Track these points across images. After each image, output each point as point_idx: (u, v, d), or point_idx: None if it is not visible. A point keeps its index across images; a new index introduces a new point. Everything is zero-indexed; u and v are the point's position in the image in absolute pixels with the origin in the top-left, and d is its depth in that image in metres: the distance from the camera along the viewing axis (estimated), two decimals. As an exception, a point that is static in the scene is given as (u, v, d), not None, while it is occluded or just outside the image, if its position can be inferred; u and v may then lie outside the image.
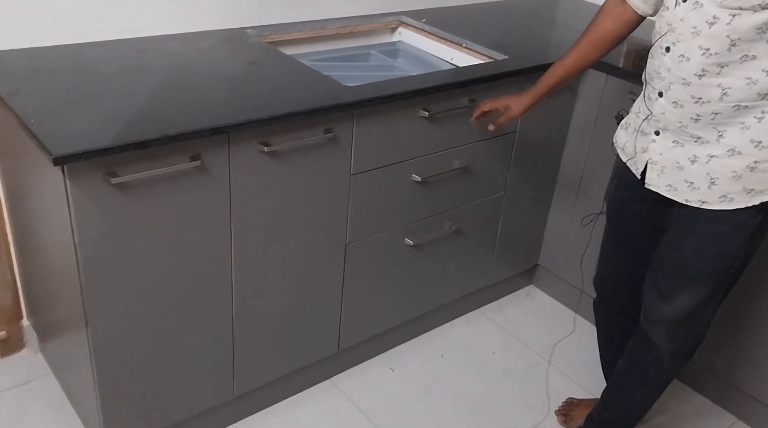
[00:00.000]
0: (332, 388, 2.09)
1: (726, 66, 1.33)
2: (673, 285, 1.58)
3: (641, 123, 1.53)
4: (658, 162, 1.50)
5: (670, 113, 1.44)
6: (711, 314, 1.63)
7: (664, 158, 1.49)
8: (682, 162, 1.46)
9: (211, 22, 2.04)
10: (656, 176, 1.52)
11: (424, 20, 2.36)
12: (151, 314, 1.61)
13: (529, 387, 2.16)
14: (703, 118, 1.39)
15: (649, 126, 1.51)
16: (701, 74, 1.36)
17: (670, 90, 1.42)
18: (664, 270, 1.60)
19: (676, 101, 1.42)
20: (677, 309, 1.60)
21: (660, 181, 1.52)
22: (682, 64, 1.38)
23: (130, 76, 1.69)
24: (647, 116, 1.51)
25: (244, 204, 1.64)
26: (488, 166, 2.15)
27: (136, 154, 1.41)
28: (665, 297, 1.60)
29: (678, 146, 1.46)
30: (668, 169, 1.49)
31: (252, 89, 1.69)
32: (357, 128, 1.75)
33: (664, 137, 1.48)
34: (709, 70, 1.35)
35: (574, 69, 1.72)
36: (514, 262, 2.47)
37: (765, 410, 2.03)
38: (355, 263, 1.94)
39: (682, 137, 1.45)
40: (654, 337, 1.67)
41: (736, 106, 1.36)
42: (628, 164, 1.61)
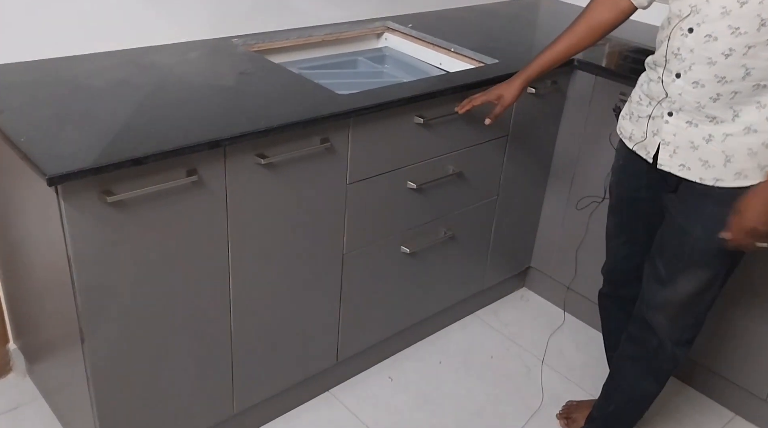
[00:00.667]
0: (332, 400, 2.06)
1: (753, 47, 1.35)
2: (676, 270, 1.60)
3: (651, 107, 1.54)
4: (671, 143, 1.52)
5: (688, 93, 1.45)
6: (712, 300, 1.64)
7: (678, 139, 1.50)
8: (696, 141, 1.48)
9: (197, 32, 2.00)
10: (669, 156, 1.53)
11: (410, 25, 2.35)
12: (149, 332, 1.56)
13: (528, 391, 2.15)
14: (723, 97, 1.42)
15: (660, 109, 1.52)
16: (728, 54, 1.38)
17: (690, 71, 1.43)
18: (666, 255, 1.62)
19: (697, 82, 1.43)
20: (679, 294, 1.61)
21: (672, 161, 1.53)
22: (709, 44, 1.39)
23: (120, 90, 1.64)
24: (660, 100, 1.51)
25: (240, 217, 1.60)
26: (482, 170, 2.14)
27: (131, 171, 1.37)
28: (667, 283, 1.62)
29: (692, 127, 1.48)
30: (681, 149, 1.50)
31: (246, 100, 1.66)
32: (353, 136, 1.73)
33: (678, 118, 1.49)
34: (736, 49, 1.36)
35: (565, 55, 1.75)
36: (507, 265, 2.46)
37: (762, 404, 2.04)
38: (352, 273, 1.92)
39: (697, 117, 1.46)
40: (655, 324, 1.67)
41: (756, 85, 1.39)
42: (637, 150, 1.61)
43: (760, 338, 1.98)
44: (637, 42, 2.35)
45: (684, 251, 1.58)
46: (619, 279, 1.87)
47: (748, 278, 1.95)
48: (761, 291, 1.94)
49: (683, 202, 1.57)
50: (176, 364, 1.65)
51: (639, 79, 1.63)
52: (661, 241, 1.64)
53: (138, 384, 1.60)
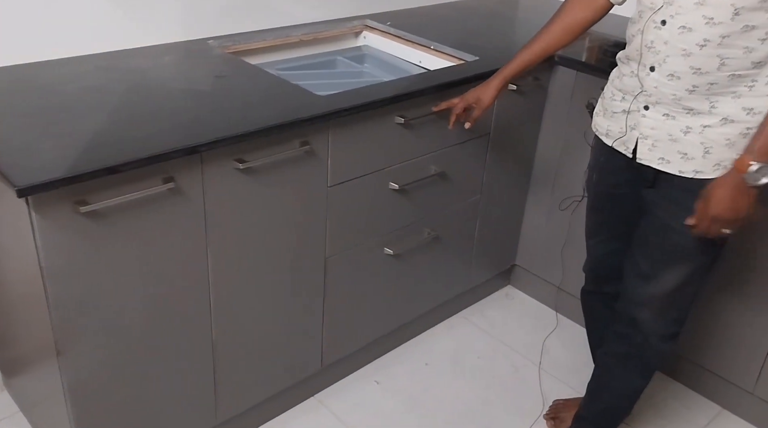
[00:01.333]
0: (318, 406, 2.03)
1: (728, 37, 1.35)
2: (658, 265, 1.59)
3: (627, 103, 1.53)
4: (649, 136, 1.51)
5: (664, 86, 1.44)
6: (695, 293, 1.64)
7: (656, 132, 1.49)
8: (675, 134, 1.47)
9: (172, 35, 1.96)
10: (648, 150, 1.52)
11: (389, 23, 2.32)
12: (127, 344, 1.52)
13: (516, 391, 2.14)
14: (699, 88, 1.41)
15: (636, 103, 1.51)
16: (703, 45, 1.37)
17: (665, 63, 1.42)
18: (648, 250, 1.61)
19: (673, 74, 1.42)
20: (663, 289, 1.60)
21: (652, 155, 1.52)
22: (684, 35, 1.38)
23: (93, 96, 1.60)
24: (636, 94, 1.50)
25: (219, 224, 1.57)
26: (464, 169, 2.11)
27: (105, 180, 1.33)
28: (650, 278, 1.61)
29: (670, 119, 1.47)
30: (660, 142, 1.49)
31: (223, 104, 1.62)
32: (333, 138, 1.70)
33: (655, 111, 1.48)
34: (711, 40, 1.36)
35: (542, 55, 1.73)
36: (492, 264, 2.45)
37: (749, 397, 2.04)
38: (335, 277, 1.89)
39: (674, 110, 1.45)
40: (639, 320, 1.67)
41: (732, 75, 1.38)
42: (616, 146, 1.60)
43: (745, 331, 1.98)
44: (617, 36, 2.33)
45: (666, 246, 1.58)
46: (602, 276, 1.86)
47: (733, 271, 1.94)
48: (746, 285, 1.94)
49: (663, 197, 1.56)
50: (156, 375, 1.61)
51: (611, 75, 1.62)
52: (642, 236, 1.63)
53: (117, 398, 1.56)
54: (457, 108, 1.81)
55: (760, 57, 1.37)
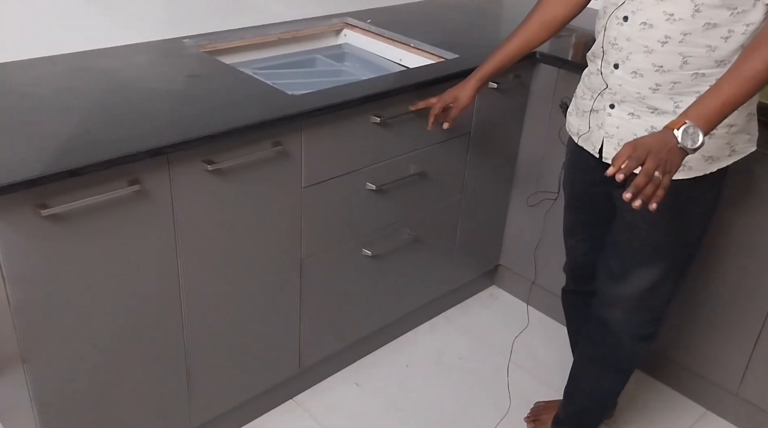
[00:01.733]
0: (296, 408, 2.01)
1: (689, 34, 1.33)
2: (628, 264, 1.57)
3: (593, 101, 1.51)
4: (614, 135, 1.49)
5: (628, 83, 1.42)
6: (669, 294, 1.62)
7: (621, 131, 1.47)
8: (639, 133, 1.45)
9: (146, 34, 1.93)
10: (613, 149, 1.50)
11: (369, 21, 2.29)
12: (96, 349, 1.50)
13: (498, 392, 2.11)
14: (663, 87, 1.39)
15: (602, 101, 1.49)
16: (664, 42, 1.35)
17: (628, 60, 1.41)
18: (618, 250, 1.59)
19: (636, 71, 1.40)
20: (633, 289, 1.58)
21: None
22: (645, 31, 1.37)
23: (62, 97, 1.57)
24: (601, 91, 1.48)
25: (189, 227, 1.54)
26: (444, 169, 2.09)
27: (68, 183, 1.30)
28: (620, 279, 1.59)
29: (634, 118, 1.45)
30: (625, 141, 1.45)
31: (192, 105, 1.59)
32: (306, 138, 1.67)
33: (620, 110, 1.46)
34: (672, 37, 1.34)
35: (519, 52, 1.71)
36: (475, 264, 2.42)
37: (733, 399, 2.02)
38: (312, 278, 1.86)
39: (639, 109, 1.44)
40: (611, 321, 1.65)
41: (695, 74, 1.36)
42: (583, 144, 1.58)
43: (730, 333, 1.95)
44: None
45: (634, 246, 1.56)
46: (582, 276, 1.84)
47: (716, 272, 1.92)
48: (731, 286, 1.92)
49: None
50: (127, 380, 1.58)
51: (582, 73, 1.59)
52: (612, 236, 1.62)
53: (86, 404, 1.54)
54: (435, 108, 1.78)
55: (723, 56, 1.35)
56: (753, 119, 1.47)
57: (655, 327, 1.67)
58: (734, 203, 1.83)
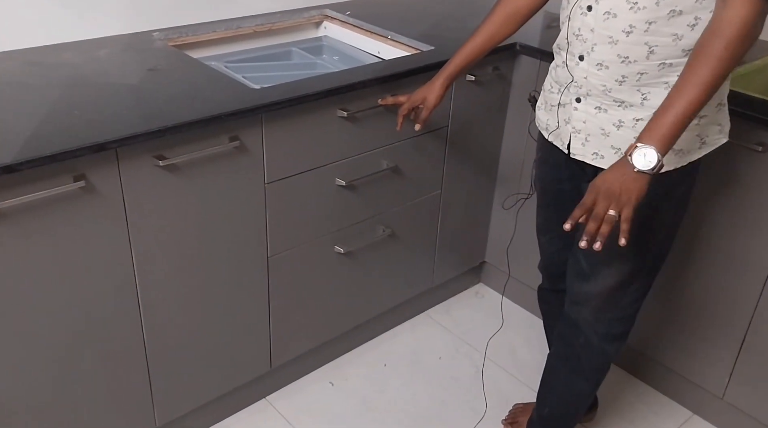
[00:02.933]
0: (267, 408, 1.98)
1: (654, 23, 1.27)
2: (596, 262, 1.51)
3: (560, 95, 1.46)
4: (581, 130, 1.43)
5: (593, 76, 1.36)
6: (639, 292, 1.56)
7: (588, 126, 1.42)
8: (607, 128, 1.39)
9: (113, 28, 1.91)
10: (581, 145, 1.45)
11: (348, 13, 2.24)
12: (50, 353, 1.48)
13: (475, 393, 2.06)
14: (629, 79, 1.33)
15: (568, 95, 1.44)
16: (629, 31, 1.29)
17: (593, 52, 1.35)
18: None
19: (601, 63, 1.35)
20: (601, 287, 1.53)
21: (585, 150, 1.44)
22: (609, 21, 1.31)
23: (13, 92, 1.55)
24: (567, 85, 1.43)
25: (144, 224, 1.51)
26: (421, 164, 2.04)
27: (8, 179, 1.28)
28: (588, 277, 1.54)
29: (601, 112, 1.39)
30: (593, 136, 1.42)
31: (147, 99, 1.56)
32: (267, 133, 1.63)
33: (586, 104, 1.41)
34: (637, 26, 1.28)
35: (485, 47, 1.65)
36: (458, 261, 2.37)
37: (719, 403, 1.95)
38: (280, 276, 1.82)
39: (605, 102, 1.38)
40: (580, 320, 1.59)
41: (662, 64, 1.31)
42: (552, 140, 1.53)
43: (715, 335, 1.88)
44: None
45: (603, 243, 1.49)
46: (556, 274, 1.78)
47: (700, 272, 1.85)
48: (715, 287, 1.84)
49: None
50: (84, 381, 1.56)
51: (550, 66, 1.53)
52: (580, 233, 1.54)
53: (43, 406, 1.52)
54: (403, 109, 1.73)
55: (690, 44, 1.28)
56: (723, 109, 1.40)
57: (626, 326, 1.60)
58: (712, 197, 1.75)
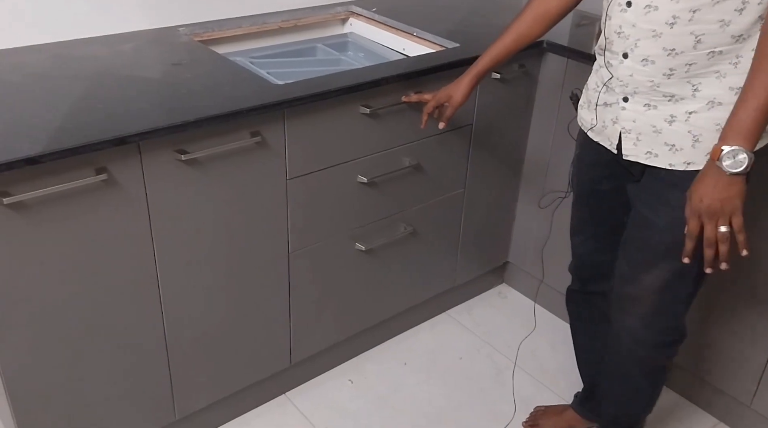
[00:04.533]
0: (287, 403, 1.98)
1: (698, 11, 1.23)
2: (640, 265, 1.48)
3: (603, 94, 1.42)
4: (632, 130, 1.39)
5: (639, 72, 1.33)
6: (687, 298, 1.51)
7: (638, 125, 1.38)
8: (659, 125, 1.35)
9: (139, 22, 1.92)
10: (633, 145, 1.41)
11: (374, 9, 2.23)
12: (71, 343, 1.49)
13: (496, 395, 2.04)
14: (677, 71, 1.29)
15: (614, 94, 1.40)
16: (673, 23, 1.25)
17: (637, 47, 1.31)
18: (629, 249, 1.51)
19: (646, 58, 1.31)
20: (646, 291, 1.49)
21: (638, 150, 1.40)
22: (650, 14, 1.27)
23: (38, 85, 1.57)
24: (610, 83, 1.39)
25: (165, 218, 1.52)
26: (444, 162, 2.02)
27: (29, 170, 1.29)
28: (630, 280, 1.50)
29: (651, 109, 1.35)
30: (645, 135, 1.38)
31: (169, 93, 1.57)
32: (289, 129, 1.63)
33: (634, 102, 1.37)
34: (680, 16, 1.24)
35: (514, 47, 1.63)
36: (481, 261, 2.34)
37: (746, 410, 1.90)
38: (301, 272, 1.82)
39: (654, 98, 1.34)
40: (628, 326, 1.55)
41: (711, 52, 1.26)
42: (600, 141, 1.49)
43: (744, 342, 1.83)
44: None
45: (649, 245, 1.46)
46: (588, 276, 1.75)
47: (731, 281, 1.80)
48: (745, 295, 1.79)
49: (647, 191, 1.44)
50: (104, 372, 1.57)
51: (594, 65, 1.50)
52: (626, 234, 1.53)
53: (62, 398, 1.53)
54: (428, 107, 1.71)
55: (740, 30, 1.23)
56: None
57: (676, 335, 1.56)
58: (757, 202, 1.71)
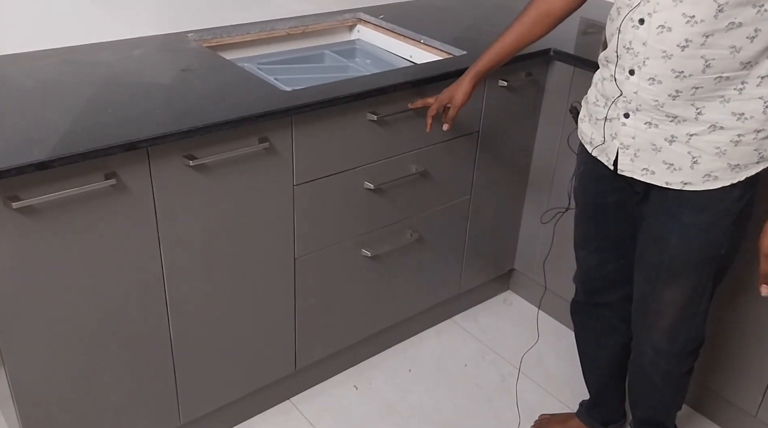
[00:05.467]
0: (291, 409, 1.98)
1: (711, 36, 1.23)
2: (656, 282, 1.49)
3: (607, 109, 1.42)
4: (630, 146, 1.39)
5: (644, 91, 1.32)
6: (705, 309, 1.52)
7: (637, 142, 1.38)
8: (658, 143, 1.35)
9: (149, 28, 1.93)
10: (629, 160, 1.41)
11: (381, 16, 2.24)
12: (77, 347, 1.50)
13: (501, 402, 2.03)
14: (683, 93, 1.29)
15: (615, 109, 1.40)
16: (684, 46, 1.25)
17: (645, 66, 1.31)
18: (645, 267, 1.51)
19: (653, 77, 1.30)
20: (664, 306, 1.50)
21: (634, 166, 1.41)
22: (663, 35, 1.27)
23: (49, 90, 1.58)
24: (615, 99, 1.39)
25: (173, 223, 1.52)
26: (450, 169, 2.02)
27: (40, 175, 1.30)
28: (649, 297, 1.52)
29: (652, 127, 1.35)
30: (643, 152, 1.38)
31: (178, 99, 1.57)
32: (297, 135, 1.64)
33: (635, 119, 1.37)
34: (693, 40, 1.24)
35: (515, 47, 1.64)
36: (486, 268, 2.34)
37: (752, 420, 1.89)
38: (307, 277, 1.83)
39: (656, 117, 1.34)
40: (650, 341, 1.57)
41: (718, 77, 1.26)
42: (597, 155, 1.49)
43: (750, 353, 1.83)
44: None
45: (662, 261, 1.47)
46: (594, 288, 1.75)
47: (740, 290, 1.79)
48: (752, 308, 1.79)
49: (657, 208, 1.45)
50: (109, 376, 1.58)
51: (594, 77, 1.50)
52: (638, 252, 1.53)
53: (67, 399, 1.54)
54: (432, 110, 1.72)
55: (749, 57, 1.24)
56: None
57: (696, 344, 1.58)
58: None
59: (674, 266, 1.45)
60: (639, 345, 1.62)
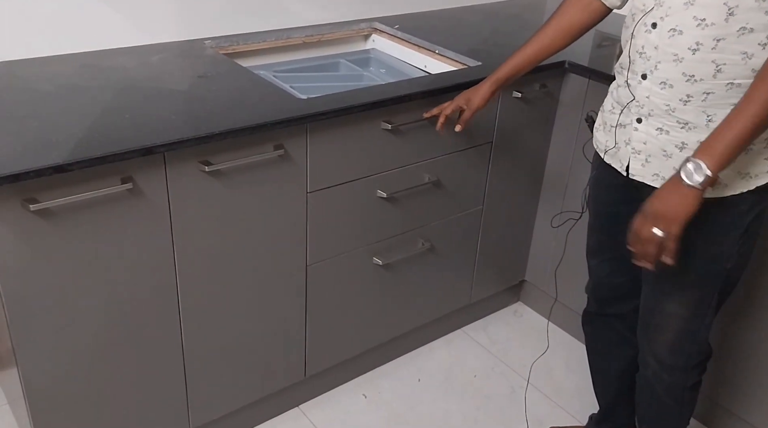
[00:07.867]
0: (300, 417, 1.98)
1: (723, 40, 1.23)
2: (661, 293, 1.49)
3: (620, 115, 1.43)
4: (642, 151, 1.40)
5: (656, 95, 1.33)
6: (709, 324, 1.51)
7: (648, 147, 1.38)
8: (669, 150, 1.36)
9: (167, 34, 1.95)
10: (641, 165, 1.41)
11: (396, 26, 2.25)
12: (89, 350, 1.51)
13: (510, 414, 2.03)
14: (694, 99, 1.29)
15: (629, 115, 1.40)
16: (695, 49, 1.26)
17: (657, 70, 1.32)
18: (651, 278, 1.51)
19: (665, 81, 1.31)
20: (670, 317, 1.49)
21: (645, 171, 1.41)
22: (674, 38, 1.28)
23: (67, 95, 1.60)
24: (627, 104, 1.40)
25: (187, 227, 1.53)
26: (464, 179, 2.02)
27: (57, 178, 1.31)
28: (654, 308, 1.51)
29: (663, 134, 1.35)
30: (654, 157, 1.38)
31: (195, 105, 1.59)
32: (311, 142, 1.64)
33: (647, 125, 1.37)
34: (704, 43, 1.25)
35: (536, 58, 1.65)
36: (497, 279, 2.34)
37: (764, 437, 1.88)
38: (318, 285, 1.83)
39: (668, 123, 1.34)
40: (654, 353, 1.56)
41: (730, 83, 1.26)
42: (611, 162, 1.49)
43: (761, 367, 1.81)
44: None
45: (665, 273, 1.45)
46: (605, 298, 1.74)
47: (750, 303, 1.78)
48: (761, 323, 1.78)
49: None
50: (121, 379, 1.59)
51: (610, 86, 1.50)
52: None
53: (79, 401, 1.55)
54: (446, 110, 1.72)
55: (761, 64, 1.23)
56: None
57: (701, 357, 1.57)
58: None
59: (677, 278, 1.45)
60: (643, 357, 1.61)
